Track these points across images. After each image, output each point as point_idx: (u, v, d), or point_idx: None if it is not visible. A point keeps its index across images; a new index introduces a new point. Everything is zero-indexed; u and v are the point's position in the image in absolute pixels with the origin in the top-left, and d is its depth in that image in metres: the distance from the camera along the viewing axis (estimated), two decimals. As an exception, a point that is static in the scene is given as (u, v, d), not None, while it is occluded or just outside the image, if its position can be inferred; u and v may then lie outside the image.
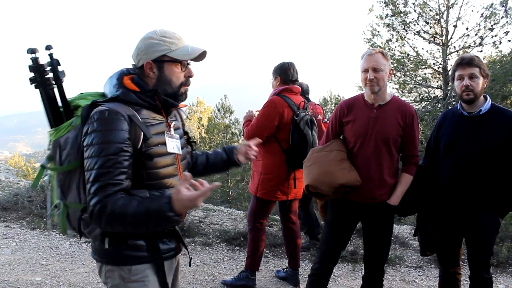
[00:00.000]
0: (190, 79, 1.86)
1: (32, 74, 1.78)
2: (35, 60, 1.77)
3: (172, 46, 1.75)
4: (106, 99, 1.72)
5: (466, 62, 2.77)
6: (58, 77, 1.82)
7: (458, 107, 2.91)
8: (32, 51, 1.75)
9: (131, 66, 1.84)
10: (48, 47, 1.80)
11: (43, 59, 1.81)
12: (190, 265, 2.06)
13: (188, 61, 1.83)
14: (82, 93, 1.87)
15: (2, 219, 6.06)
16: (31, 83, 1.78)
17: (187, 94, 1.87)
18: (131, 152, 1.63)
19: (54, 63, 1.82)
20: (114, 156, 1.57)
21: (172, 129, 1.85)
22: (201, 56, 1.82)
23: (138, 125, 1.66)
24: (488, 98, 2.85)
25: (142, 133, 1.67)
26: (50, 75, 1.81)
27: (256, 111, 4.06)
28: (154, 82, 1.77)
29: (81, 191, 1.69)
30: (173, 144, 1.81)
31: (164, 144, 1.76)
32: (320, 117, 3.75)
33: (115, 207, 1.53)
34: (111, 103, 1.68)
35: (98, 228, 1.67)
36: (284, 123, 3.68)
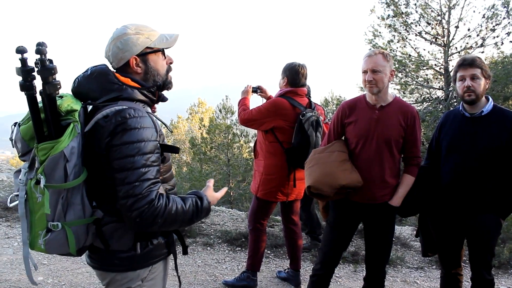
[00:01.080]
0: (172, 65, 1.88)
1: (27, 79, 1.48)
2: (41, 61, 1.49)
3: (151, 37, 1.75)
4: (106, 98, 1.63)
5: (468, 63, 2.77)
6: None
7: (460, 108, 2.91)
8: (39, 51, 1.48)
9: (102, 63, 1.77)
10: (40, 45, 1.50)
11: (30, 59, 1.49)
12: (186, 253, 2.14)
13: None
14: (62, 95, 1.65)
15: (4, 219, 6.06)
16: (22, 90, 1.50)
17: (172, 82, 1.89)
18: (159, 148, 1.65)
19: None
20: (151, 154, 1.57)
21: None
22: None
23: (160, 120, 1.72)
24: (490, 99, 2.85)
25: (160, 128, 1.69)
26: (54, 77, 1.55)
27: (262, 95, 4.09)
28: (142, 76, 1.76)
29: (85, 205, 1.58)
30: None
31: (165, 138, 1.78)
32: (321, 118, 3.76)
33: (170, 206, 1.60)
34: (119, 102, 1.62)
35: (140, 229, 1.62)
36: (286, 125, 3.67)
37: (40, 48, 1.48)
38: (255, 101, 4.03)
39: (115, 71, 1.76)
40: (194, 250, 5.21)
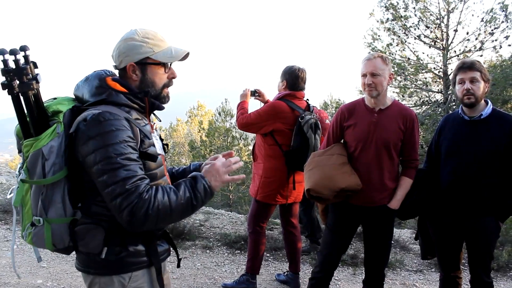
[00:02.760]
0: (174, 80, 1.85)
1: (3, 79, 1.57)
2: (16, 62, 1.55)
3: (155, 48, 1.73)
4: (91, 102, 1.65)
5: (467, 66, 2.78)
6: (36, 81, 1.63)
7: (459, 112, 2.92)
8: (13, 52, 1.54)
9: (106, 68, 1.80)
10: (23, 48, 1.58)
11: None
12: (178, 266, 2.07)
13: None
14: (56, 98, 1.74)
15: (3, 221, 6.06)
16: (4, 89, 1.57)
17: (169, 97, 1.86)
18: (137, 150, 1.62)
19: (31, 65, 1.62)
20: (129, 154, 1.56)
21: (155, 131, 1.85)
22: (184, 57, 1.81)
23: (137, 126, 1.65)
24: (489, 102, 2.86)
25: (140, 135, 1.66)
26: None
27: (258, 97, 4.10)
28: (137, 84, 1.75)
29: (66, 204, 1.59)
30: (159, 145, 1.83)
31: (154, 145, 1.74)
32: (328, 121, 3.78)
33: (161, 195, 1.56)
34: (100, 106, 1.62)
35: (136, 229, 1.58)
36: (285, 128, 3.68)
37: (14, 50, 1.54)
38: (253, 105, 4.04)
39: (116, 72, 1.79)
40: (194, 253, 5.21)
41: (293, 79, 3.79)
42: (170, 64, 1.81)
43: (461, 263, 3.11)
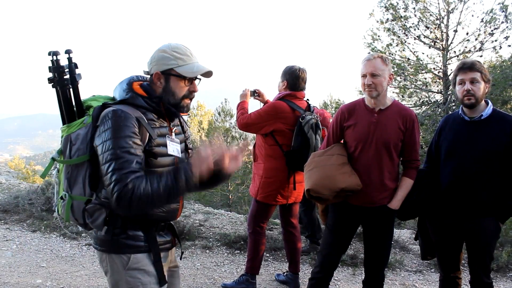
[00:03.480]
0: (194, 93, 2.01)
1: (50, 74, 1.95)
2: (56, 61, 1.93)
3: (180, 62, 1.91)
4: (116, 101, 1.91)
5: (467, 67, 2.78)
6: (75, 79, 1.96)
7: (460, 112, 2.92)
8: (54, 53, 1.92)
9: (142, 73, 2.02)
10: (67, 51, 1.96)
11: (62, 61, 1.97)
12: (181, 259, 2.27)
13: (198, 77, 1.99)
14: (94, 95, 2.04)
15: (2, 221, 6.06)
16: (49, 83, 1.96)
17: (188, 107, 2.05)
18: (142, 146, 1.82)
19: (72, 66, 1.96)
20: (128, 148, 1.74)
21: (173, 134, 2.02)
22: (207, 74, 1.98)
23: (144, 126, 1.84)
24: (490, 103, 2.85)
25: (148, 134, 1.85)
26: (67, 76, 1.97)
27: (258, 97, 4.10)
28: (160, 91, 1.95)
29: (86, 185, 1.87)
30: (174, 147, 1.98)
31: (165, 146, 1.93)
32: (331, 120, 3.79)
33: (146, 187, 1.70)
34: (120, 105, 1.86)
35: (124, 212, 1.81)
36: (285, 128, 3.68)
37: (55, 51, 1.93)
38: (253, 105, 4.04)
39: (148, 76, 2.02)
40: (193, 253, 5.21)
41: (294, 79, 3.78)
42: (195, 78, 1.97)
43: (461, 264, 3.11)
